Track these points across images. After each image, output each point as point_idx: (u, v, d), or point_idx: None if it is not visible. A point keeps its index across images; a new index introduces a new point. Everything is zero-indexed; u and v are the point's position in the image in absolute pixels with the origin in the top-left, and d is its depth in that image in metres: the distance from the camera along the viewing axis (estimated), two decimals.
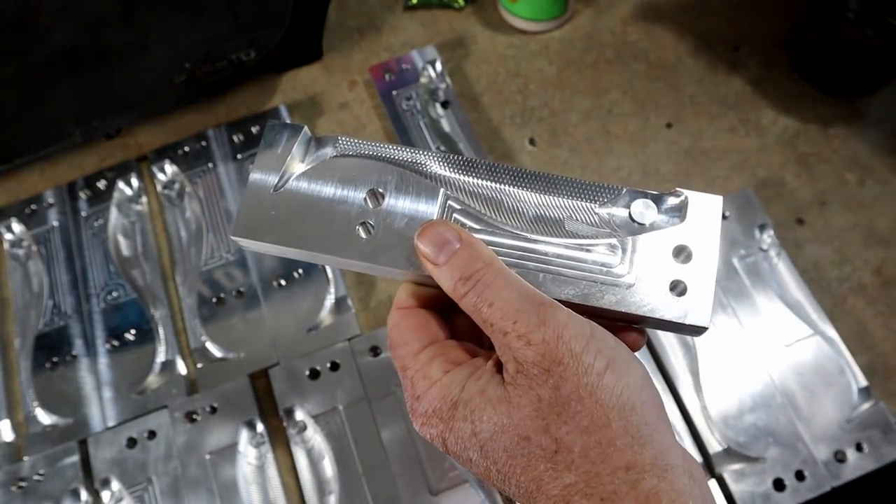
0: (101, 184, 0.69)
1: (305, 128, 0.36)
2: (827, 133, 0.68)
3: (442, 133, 0.68)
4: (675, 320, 0.32)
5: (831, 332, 0.58)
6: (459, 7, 0.77)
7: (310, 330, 0.60)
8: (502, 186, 0.34)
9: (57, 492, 0.55)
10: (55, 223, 0.68)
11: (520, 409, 0.28)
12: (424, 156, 0.35)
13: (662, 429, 0.29)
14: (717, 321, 0.58)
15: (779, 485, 0.53)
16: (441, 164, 0.35)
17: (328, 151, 0.36)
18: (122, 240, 0.66)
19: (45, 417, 0.59)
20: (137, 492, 0.56)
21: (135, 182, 0.69)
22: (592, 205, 0.34)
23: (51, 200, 0.69)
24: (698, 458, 0.54)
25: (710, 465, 0.54)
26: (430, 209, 0.34)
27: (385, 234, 0.34)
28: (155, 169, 0.68)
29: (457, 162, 0.35)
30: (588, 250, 0.33)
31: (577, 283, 0.32)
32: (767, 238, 0.61)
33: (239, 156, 0.69)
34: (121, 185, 0.68)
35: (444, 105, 0.70)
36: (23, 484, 0.56)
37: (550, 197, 0.34)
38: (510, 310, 0.29)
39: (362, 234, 0.34)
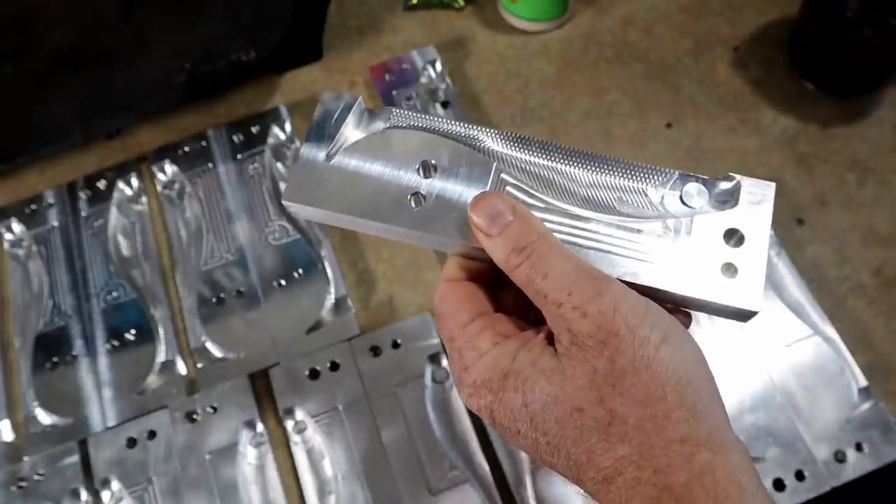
0: (101, 184, 0.69)
1: (360, 99, 0.36)
2: (827, 133, 0.68)
3: None
4: (726, 303, 0.32)
5: (831, 332, 0.58)
6: (459, 7, 0.77)
7: (310, 330, 0.60)
8: (554, 164, 0.35)
9: (57, 492, 0.55)
10: (55, 223, 0.68)
11: (574, 380, 0.28)
12: (477, 130, 0.36)
13: (717, 405, 0.29)
14: (717, 321, 0.58)
15: (779, 485, 0.53)
16: (493, 139, 0.35)
17: (381, 123, 0.36)
18: (122, 240, 0.66)
19: (45, 417, 0.59)
20: (137, 492, 0.56)
21: (135, 182, 0.69)
22: (644, 186, 0.34)
23: (51, 200, 0.69)
24: None
25: None
26: (482, 183, 0.34)
27: (436, 206, 0.34)
28: (155, 169, 0.68)
29: (509, 138, 0.35)
30: (639, 231, 0.33)
31: (629, 261, 0.32)
32: None
33: (239, 156, 0.69)
34: (121, 185, 0.68)
35: (444, 105, 0.70)
36: (23, 484, 0.56)
37: (602, 176, 0.34)
38: (565, 281, 0.29)
39: (413, 205, 0.34)
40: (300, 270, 0.63)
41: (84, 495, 0.55)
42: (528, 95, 0.72)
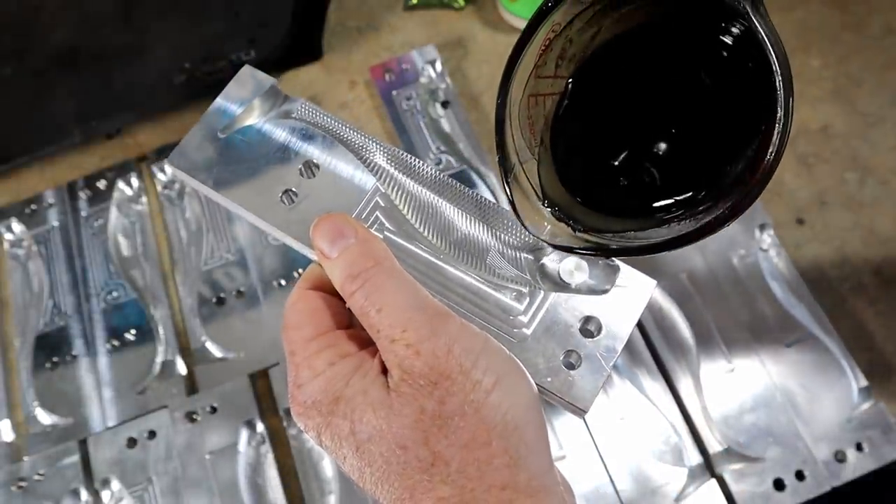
0: (101, 184, 0.69)
1: (274, 81, 0.36)
2: (827, 133, 0.68)
3: (442, 133, 0.68)
4: (554, 392, 0.31)
5: (831, 332, 0.58)
6: (459, 7, 0.77)
7: None
8: (440, 200, 0.33)
9: (57, 492, 0.55)
10: (55, 223, 0.68)
11: (401, 417, 0.28)
12: (374, 144, 0.35)
13: (540, 451, 0.29)
14: (717, 321, 0.58)
15: (779, 485, 0.53)
16: (388, 157, 0.34)
17: (286, 111, 0.36)
18: (122, 240, 0.66)
19: (45, 417, 0.59)
20: (137, 492, 0.56)
21: (135, 182, 0.69)
22: (526, 246, 0.33)
23: (51, 200, 0.69)
24: (698, 458, 0.54)
25: (710, 465, 0.54)
26: (356, 197, 0.33)
27: (305, 209, 0.33)
28: (155, 169, 0.68)
29: (404, 161, 0.34)
30: (496, 289, 0.32)
31: (473, 320, 0.31)
32: (767, 238, 0.61)
33: None
34: (121, 185, 0.68)
35: (444, 105, 0.70)
36: (23, 484, 0.56)
37: (485, 226, 0.33)
38: (400, 316, 0.28)
39: (285, 202, 0.34)
40: (300, 270, 0.63)
41: (84, 495, 0.55)
42: None
